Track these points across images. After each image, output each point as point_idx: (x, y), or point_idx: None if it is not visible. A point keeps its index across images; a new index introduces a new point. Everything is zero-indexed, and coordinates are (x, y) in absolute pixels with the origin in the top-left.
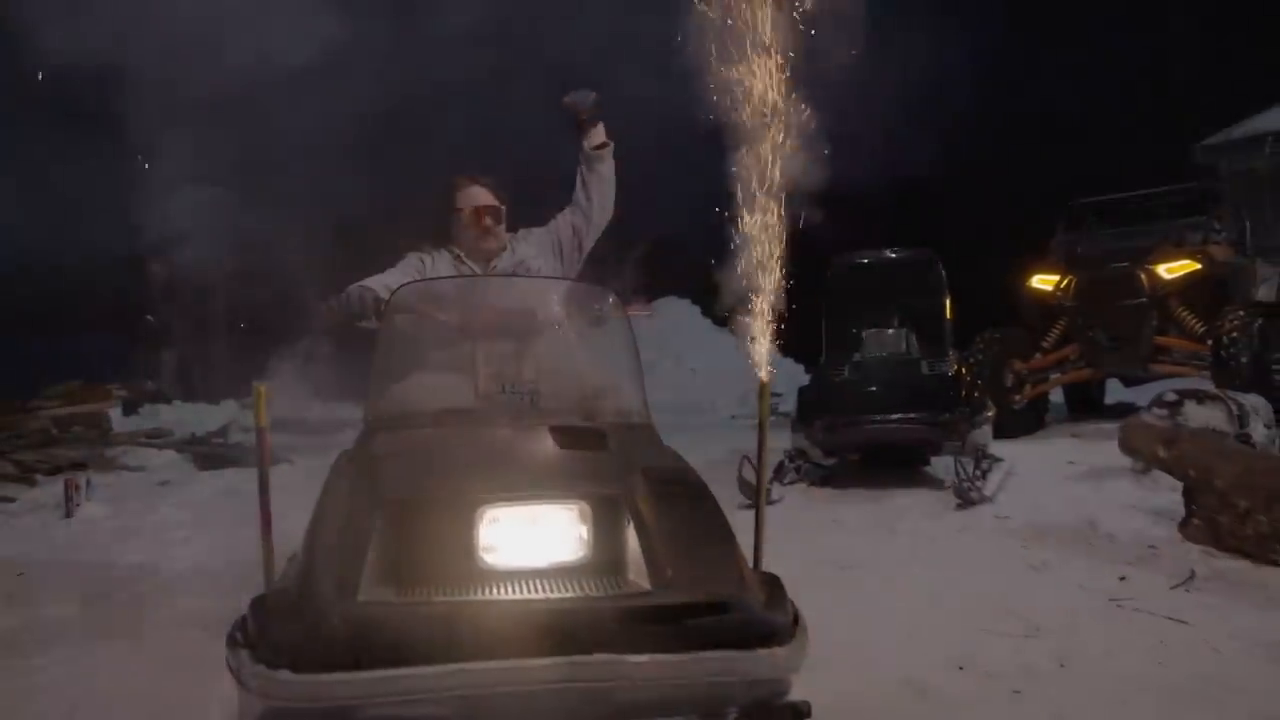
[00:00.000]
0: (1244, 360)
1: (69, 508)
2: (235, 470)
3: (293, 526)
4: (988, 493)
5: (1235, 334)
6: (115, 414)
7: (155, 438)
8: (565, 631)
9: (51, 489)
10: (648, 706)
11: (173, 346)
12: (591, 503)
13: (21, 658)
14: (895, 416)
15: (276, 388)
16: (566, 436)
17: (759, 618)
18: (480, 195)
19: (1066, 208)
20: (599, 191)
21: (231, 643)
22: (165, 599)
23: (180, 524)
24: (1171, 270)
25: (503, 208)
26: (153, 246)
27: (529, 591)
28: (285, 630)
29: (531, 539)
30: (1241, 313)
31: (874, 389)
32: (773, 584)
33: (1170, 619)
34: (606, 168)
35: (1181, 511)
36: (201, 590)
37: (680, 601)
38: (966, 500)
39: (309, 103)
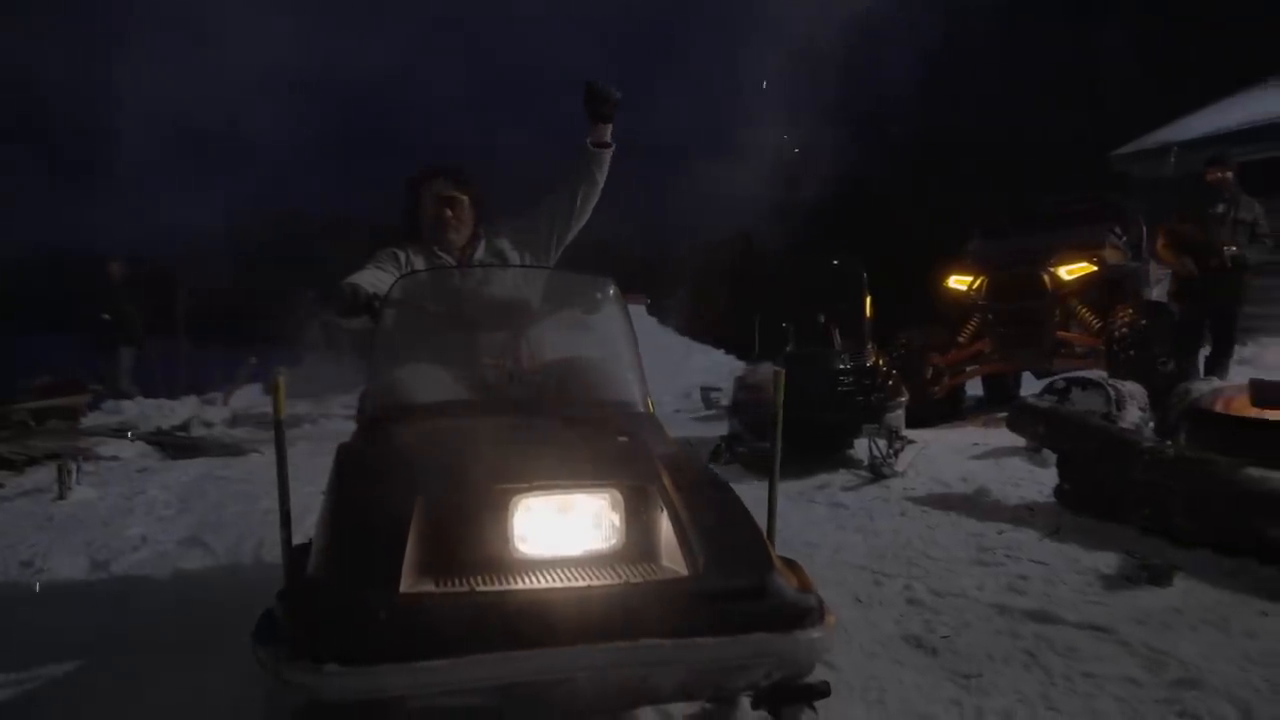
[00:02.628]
0: (1131, 353)
1: (61, 490)
2: (205, 460)
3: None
4: (899, 468)
5: (1125, 330)
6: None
7: (123, 431)
8: (613, 618)
9: (36, 476)
10: (683, 689)
11: (130, 344)
12: (623, 490)
13: (48, 618)
14: (819, 403)
15: (236, 384)
16: (586, 425)
17: (792, 601)
18: (440, 186)
19: (984, 215)
20: (586, 190)
21: (261, 639)
22: (167, 561)
23: (167, 504)
24: (1071, 271)
25: (465, 198)
26: (112, 247)
27: (567, 579)
28: (330, 623)
29: (565, 527)
30: (1131, 310)
31: (801, 379)
32: (796, 569)
33: (1033, 561)
34: (601, 168)
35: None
36: (197, 554)
37: (720, 586)
38: (879, 475)
39: (270, 107)
